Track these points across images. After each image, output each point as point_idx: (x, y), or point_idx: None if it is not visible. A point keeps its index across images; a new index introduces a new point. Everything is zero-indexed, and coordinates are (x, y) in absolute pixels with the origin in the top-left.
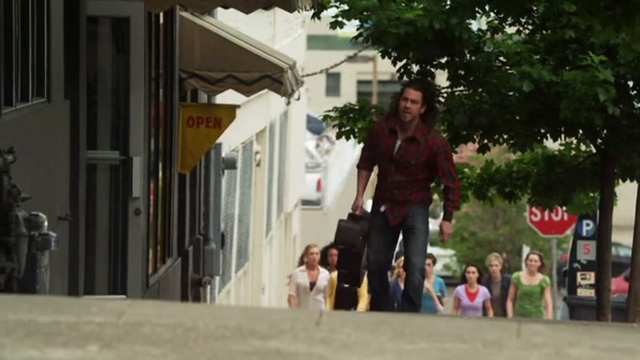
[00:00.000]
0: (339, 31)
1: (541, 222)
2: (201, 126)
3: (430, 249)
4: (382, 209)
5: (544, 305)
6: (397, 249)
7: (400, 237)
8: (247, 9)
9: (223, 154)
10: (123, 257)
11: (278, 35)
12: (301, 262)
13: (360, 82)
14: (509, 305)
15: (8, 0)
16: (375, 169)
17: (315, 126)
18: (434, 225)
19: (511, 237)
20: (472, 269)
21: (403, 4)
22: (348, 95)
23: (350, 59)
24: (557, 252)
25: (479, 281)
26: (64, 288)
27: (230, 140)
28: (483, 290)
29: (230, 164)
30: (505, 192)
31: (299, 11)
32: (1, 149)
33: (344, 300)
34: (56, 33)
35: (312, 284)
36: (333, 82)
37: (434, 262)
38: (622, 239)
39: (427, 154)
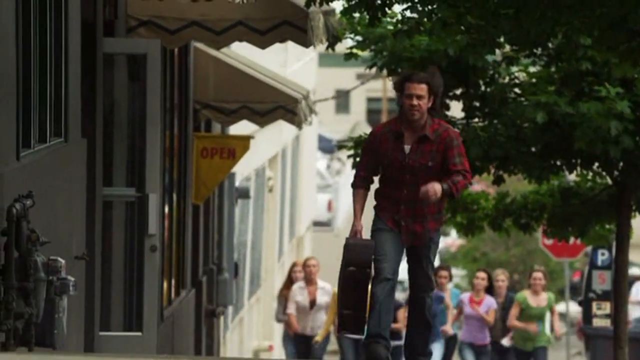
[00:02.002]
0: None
1: (554, 246)
2: (215, 157)
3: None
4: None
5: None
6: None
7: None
8: (263, 45)
9: (236, 183)
10: (139, 294)
11: (290, 59)
12: (289, 280)
13: (370, 100)
14: (515, 324)
15: (27, 42)
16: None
17: (325, 145)
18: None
19: (523, 259)
20: (481, 274)
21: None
22: (358, 113)
23: (361, 83)
24: (569, 272)
25: (488, 291)
26: (80, 326)
27: (243, 168)
28: (489, 301)
29: (244, 194)
30: (521, 224)
31: (314, 46)
32: (20, 194)
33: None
34: (74, 72)
35: (312, 302)
36: (343, 99)
37: (450, 275)
38: (632, 256)
39: (442, 150)
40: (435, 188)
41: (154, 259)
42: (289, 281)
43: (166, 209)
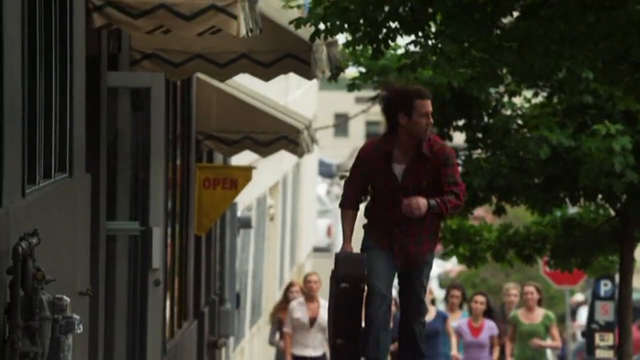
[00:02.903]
0: (348, 70)
1: (554, 273)
2: (217, 188)
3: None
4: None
5: (551, 341)
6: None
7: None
8: (266, 77)
9: (238, 213)
10: (142, 328)
11: (291, 86)
12: (284, 300)
13: (369, 123)
14: (508, 346)
15: (32, 79)
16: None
17: (325, 170)
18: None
19: (523, 285)
20: (480, 298)
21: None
22: (356, 136)
23: (362, 111)
24: (569, 299)
25: (487, 314)
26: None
27: (244, 197)
28: (488, 325)
29: (246, 224)
30: (524, 255)
31: (318, 78)
32: (25, 232)
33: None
34: (78, 107)
35: (313, 320)
36: (341, 122)
37: (464, 296)
38: (636, 282)
39: (437, 167)
40: (419, 202)
41: (157, 292)
42: (285, 302)
43: (168, 241)
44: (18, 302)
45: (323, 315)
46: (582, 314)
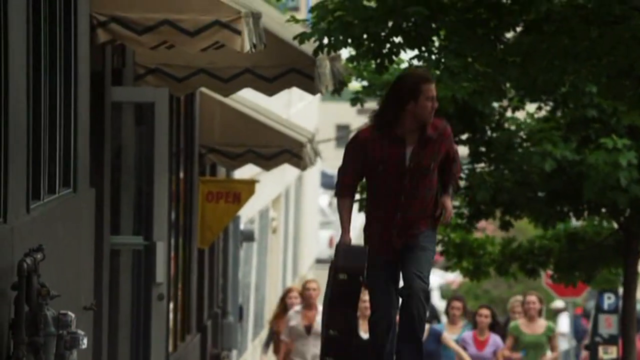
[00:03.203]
0: (352, 84)
1: (556, 285)
2: (220, 201)
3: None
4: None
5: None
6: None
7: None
8: (270, 92)
9: (241, 226)
10: (145, 342)
11: (294, 99)
12: (282, 306)
13: None
14: (505, 355)
15: (37, 95)
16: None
17: (326, 181)
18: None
19: (524, 294)
20: (484, 312)
21: None
22: None
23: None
24: (572, 310)
25: (492, 328)
26: None
27: (247, 210)
28: (494, 339)
29: (249, 237)
30: (527, 269)
31: (322, 93)
32: (30, 247)
33: None
34: (82, 123)
35: (309, 328)
36: (343, 133)
37: (465, 308)
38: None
39: (445, 149)
40: (449, 205)
41: (161, 307)
42: (282, 308)
43: (172, 254)
44: (23, 318)
45: (320, 321)
46: (563, 322)
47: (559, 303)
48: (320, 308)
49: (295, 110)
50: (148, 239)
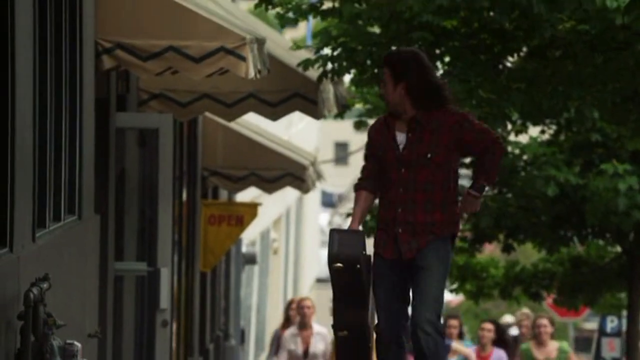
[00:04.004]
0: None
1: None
2: (223, 224)
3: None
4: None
5: None
6: None
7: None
8: (274, 117)
9: (243, 248)
10: None
11: (294, 119)
12: (286, 319)
13: None
14: None
15: (43, 124)
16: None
17: (326, 199)
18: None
19: (535, 317)
20: (488, 326)
21: None
22: (357, 165)
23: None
24: (573, 332)
25: (498, 344)
26: None
27: (248, 232)
28: (497, 355)
29: (251, 260)
30: (531, 293)
31: (325, 117)
32: (37, 277)
33: None
34: (88, 150)
35: (306, 352)
36: (341, 151)
37: (461, 326)
38: None
39: (448, 140)
40: (469, 206)
41: (165, 333)
42: (287, 321)
43: (175, 278)
44: (29, 348)
45: (316, 343)
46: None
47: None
48: (315, 327)
49: (296, 130)
50: (152, 265)
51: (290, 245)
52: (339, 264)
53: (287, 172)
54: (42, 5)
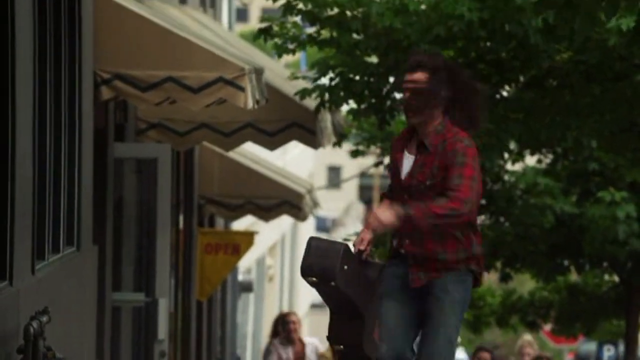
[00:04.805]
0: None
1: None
2: (219, 253)
3: None
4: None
5: None
6: None
7: None
8: (271, 146)
9: (239, 276)
10: None
11: (289, 146)
12: (274, 334)
13: (362, 175)
14: None
15: (42, 156)
16: None
17: (320, 224)
18: None
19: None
20: (484, 355)
21: None
22: (349, 189)
23: (359, 174)
24: (567, 357)
25: None
26: None
27: (244, 259)
28: None
29: (247, 287)
30: (528, 322)
31: (323, 147)
32: (36, 310)
33: None
34: (86, 181)
35: None
36: (334, 175)
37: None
38: None
39: (445, 163)
40: (379, 216)
41: None
42: (275, 335)
43: (171, 307)
44: None
45: (310, 354)
46: None
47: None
48: (305, 339)
49: (291, 156)
50: (149, 295)
51: (285, 272)
52: (312, 278)
53: (284, 201)
54: (41, 37)
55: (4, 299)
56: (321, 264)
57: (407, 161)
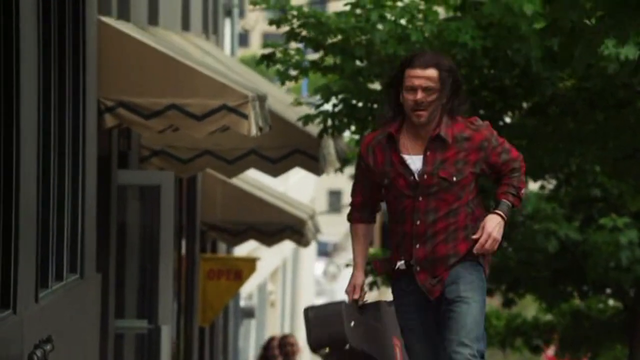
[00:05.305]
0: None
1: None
2: (222, 279)
3: None
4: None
5: None
6: None
7: None
8: (274, 173)
9: (241, 302)
10: None
11: (291, 172)
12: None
13: None
14: None
15: (46, 185)
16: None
17: (321, 248)
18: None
19: None
20: None
21: None
22: None
23: None
24: None
25: None
26: None
27: (246, 285)
28: None
29: (249, 313)
30: (532, 345)
31: (327, 173)
32: (40, 339)
33: None
34: (89, 208)
35: None
36: (335, 199)
37: None
38: None
39: (476, 159)
40: (489, 229)
41: None
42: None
43: (174, 334)
44: None
45: None
46: None
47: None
48: None
49: (293, 181)
50: (152, 323)
51: (287, 297)
52: (324, 350)
53: (286, 226)
54: (45, 64)
55: (8, 327)
56: (328, 333)
57: (413, 161)
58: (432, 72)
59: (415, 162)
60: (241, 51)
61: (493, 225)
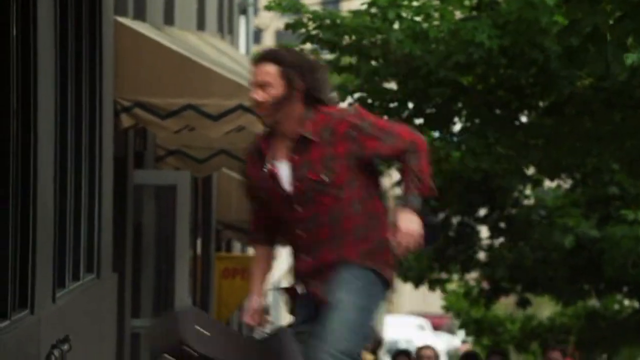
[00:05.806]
0: None
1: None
2: (237, 277)
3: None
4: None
5: None
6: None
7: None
8: None
9: None
10: None
11: None
12: None
13: None
14: None
15: (63, 185)
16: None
17: None
18: None
19: None
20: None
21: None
22: None
23: None
24: None
25: None
26: None
27: None
28: None
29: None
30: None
31: None
32: (57, 338)
33: None
34: (106, 207)
35: None
36: None
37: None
38: None
39: (346, 151)
40: (403, 224)
41: None
42: None
43: None
44: None
45: None
46: None
47: None
48: None
49: None
50: None
51: None
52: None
53: None
54: (62, 65)
55: (26, 327)
56: (165, 343)
57: (283, 170)
58: (269, 68)
59: (284, 169)
60: (254, 48)
61: (406, 222)
